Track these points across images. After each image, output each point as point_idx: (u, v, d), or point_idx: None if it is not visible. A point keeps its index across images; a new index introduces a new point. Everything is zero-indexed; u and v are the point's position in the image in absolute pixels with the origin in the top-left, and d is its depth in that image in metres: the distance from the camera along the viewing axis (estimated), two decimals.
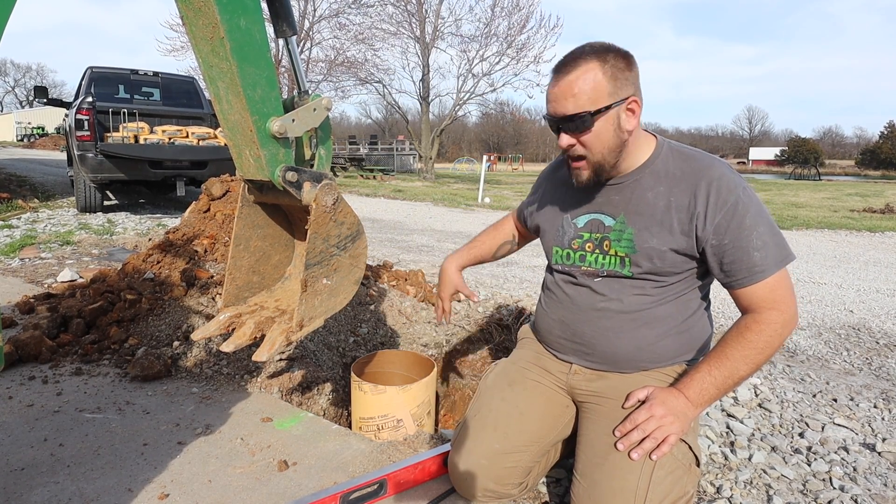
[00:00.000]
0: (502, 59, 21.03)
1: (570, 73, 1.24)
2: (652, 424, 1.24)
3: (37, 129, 43.47)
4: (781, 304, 1.26)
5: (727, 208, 1.26)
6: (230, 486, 1.45)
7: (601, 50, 1.25)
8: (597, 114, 1.24)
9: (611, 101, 1.24)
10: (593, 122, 1.25)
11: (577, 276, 1.44)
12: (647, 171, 1.35)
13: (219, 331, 1.52)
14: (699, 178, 1.29)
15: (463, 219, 9.14)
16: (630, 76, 1.26)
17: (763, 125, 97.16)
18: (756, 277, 1.26)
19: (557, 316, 1.48)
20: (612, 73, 1.23)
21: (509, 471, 1.36)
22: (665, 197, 1.32)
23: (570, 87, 1.24)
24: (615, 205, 1.37)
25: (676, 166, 1.34)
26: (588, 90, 1.23)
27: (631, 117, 1.27)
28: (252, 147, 1.32)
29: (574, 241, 1.44)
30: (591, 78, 1.23)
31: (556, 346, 1.50)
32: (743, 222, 1.25)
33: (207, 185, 3.31)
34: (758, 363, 1.26)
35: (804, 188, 21.48)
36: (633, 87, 1.26)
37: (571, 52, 1.27)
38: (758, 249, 1.25)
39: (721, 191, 1.27)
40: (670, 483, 1.21)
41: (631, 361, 1.39)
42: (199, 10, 1.18)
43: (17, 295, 3.01)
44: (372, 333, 2.71)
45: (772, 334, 1.25)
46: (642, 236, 1.32)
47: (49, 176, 12.12)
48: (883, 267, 5.69)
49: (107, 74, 7.67)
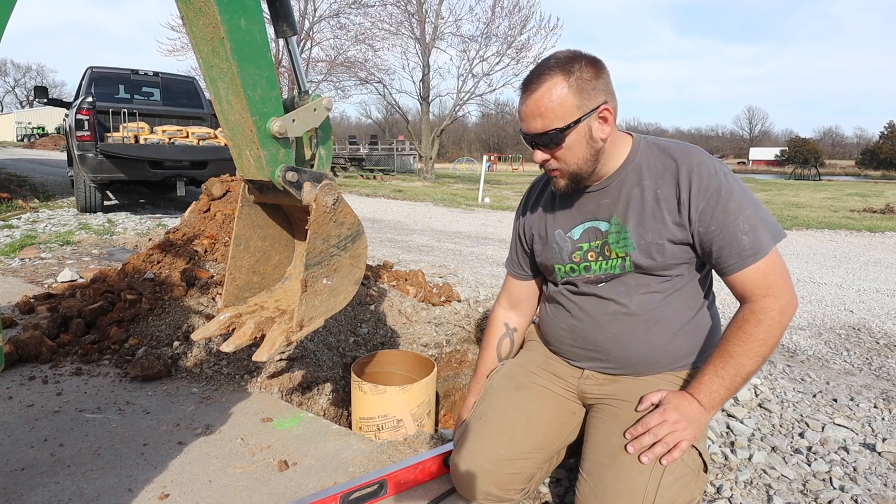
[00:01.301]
0: (502, 59, 21.05)
1: (536, 90, 1.24)
2: (664, 429, 1.23)
3: (37, 129, 43.46)
4: (776, 289, 1.23)
5: (710, 194, 1.26)
6: (230, 486, 1.45)
7: (566, 61, 1.24)
8: (566, 129, 1.24)
9: (580, 114, 1.23)
10: (564, 138, 1.26)
11: (578, 284, 1.43)
12: (629, 169, 1.35)
13: (219, 331, 1.52)
14: (679, 167, 1.30)
15: (463, 219, 9.14)
16: (599, 84, 1.25)
17: (763, 125, 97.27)
18: (747, 261, 1.24)
19: (567, 325, 1.47)
20: (579, 85, 1.22)
21: (512, 476, 1.35)
22: (652, 190, 1.32)
23: (536, 106, 1.24)
24: (606, 208, 1.37)
25: (656, 160, 1.34)
26: (555, 107, 1.23)
27: (603, 125, 1.28)
28: (252, 147, 1.32)
29: (574, 254, 1.43)
30: (556, 94, 1.22)
31: (569, 354, 1.49)
32: (728, 207, 1.24)
33: (207, 185, 3.31)
34: (763, 355, 1.24)
35: (804, 188, 21.48)
36: (603, 94, 1.25)
37: (537, 67, 1.26)
38: (745, 233, 1.23)
39: (702, 177, 1.27)
40: (679, 488, 1.20)
41: (646, 363, 1.38)
42: (200, 11, 1.18)
43: (17, 295, 3.01)
44: (372, 333, 2.70)
45: (771, 323, 1.22)
46: (638, 232, 1.33)
47: (49, 176, 12.12)
48: (883, 267, 5.69)
49: (107, 74, 7.67)
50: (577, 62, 1.24)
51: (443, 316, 2.99)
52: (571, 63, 1.23)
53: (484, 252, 5.89)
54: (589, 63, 1.24)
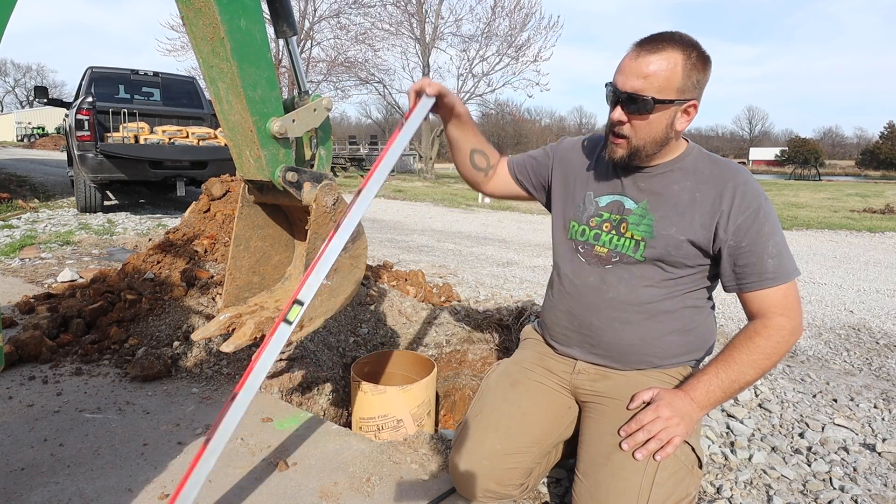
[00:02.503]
0: (502, 59, 21.06)
1: (653, 53, 1.23)
2: (658, 426, 1.24)
3: (37, 130, 43.46)
4: (791, 312, 1.29)
5: (750, 212, 1.29)
6: (230, 486, 1.45)
7: (688, 44, 1.25)
8: (659, 103, 1.24)
9: (676, 96, 1.25)
10: (652, 110, 1.25)
11: (589, 262, 1.44)
12: (677, 167, 1.38)
13: (219, 331, 1.52)
14: (726, 180, 1.33)
15: (463, 219, 9.14)
16: (701, 80, 1.27)
17: (763, 125, 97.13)
18: (766, 283, 1.29)
19: (565, 306, 1.49)
20: (689, 70, 1.24)
21: (511, 472, 1.36)
22: (691, 192, 1.35)
23: (645, 65, 1.23)
24: (641, 190, 1.40)
25: (705, 166, 1.37)
26: (662, 77, 1.23)
27: (685, 120, 1.30)
28: (252, 147, 1.32)
29: (592, 218, 1.45)
30: (669, 66, 1.23)
31: (562, 338, 1.51)
32: (762, 229, 1.29)
33: (207, 186, 3.31)
34: (764, 369, 1.29)
35: (804, 188, 21.47)
36: (698, 91, 1.28)
37: (661, 34, 1.26)
38: (772, 257, 1.28)
39: (746, 195, 1.30)
40: (673, 484, 1.21)
41: (635, 354, 1.40)
42: (200, 11, 1.18)
43: (17, 295, 3.01)
44: (372, 333, 2.70)
45: (780, 340, 1.27)
46: (662, 224, 1.35)
47: (49, 176, 12.12)
48: (883, 267, 5.69)
49: (107, 74, 7.67)
50: (696, 50, 1.25)
51: (443, 316, 2.99)
52: (692, 48, 1.24)
53: (484, 252, 5.89)
54: (702, 57, 1.26)
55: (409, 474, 1.53)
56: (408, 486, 1.47)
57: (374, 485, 1.47)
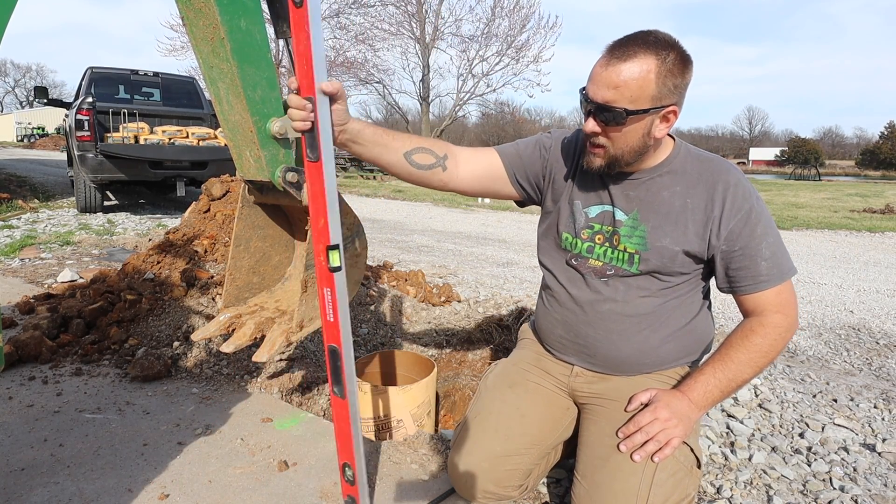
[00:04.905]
0: (502, 59, 21.07)
1: (623, 61, 1.15)
2: (656, 427, 1.24)
3: (37, 130, 43.49)
4: (787, 308, 1.28)
5: (741, 215, 1.26)
6: (230, 487, 1.45)
7: (662, 46, 1.16)
8: (632, 114, 1.18)
9: (651, 105, 1.17)
10: (625, 121, 1.19)
11: (583, 273, 1.41)
12: (665, 171, 1.33)
13: (219, 331, 1.52)
14: (716, 182, 1.29)
15: (463, 219, 9.14)
16: (680, 83, 1.19)
17: (763, 125, 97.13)
18: (761, 286, 1.27)
19: (560, 316, 1.46)
20: (665, 75, 1.16)
21: (510, 473, 1.36)
22: (681, 197, 1.31)
23: (615, 75, 1.16)
24: (630, 200, 1.35)
25: (693, 167, 1.33)
26: (634, 86, 1.15)
27: (663, 126, 1.23)
28: (252, 148, 1.32)
29: (584, 230, 1.40)
30: (641, 74, 1.14)
31: (558, 346, 1.49)
32: (755, 231, 1.26)
33: (207, 186, 3.31)
34: (761, 367, 1.28)
35: (804, 188, 21.47)
36: (677, 96, 1.20)
37: (633, 36, 1.18)
38: (766, 259, 1.26)
39: (737, 197, 1.27)
40: (672, 485, 1.21)
41: (634, 365, 1.39)
42: (200, 11, 1.18)
43: (17, 295, 3.01)
44: (372, 333, 2.71)
45: (776, 338, 1.27)
46: (655, 234, 1.31)
47: (49, 176, 12.12)
48: (883, 267, 5.69)
49: (107, 75, 7.67)
50: (672, 52, 1.16)
51: (443, 316, 2.99)
52: (667, 50, 1.16)
53: (484, 252, 5.89)
54: (680, 59, 1.17)
55: (408, 474, 1.53)
56: (408, 486, 1.47)
57: (375, 485, 1.47)
